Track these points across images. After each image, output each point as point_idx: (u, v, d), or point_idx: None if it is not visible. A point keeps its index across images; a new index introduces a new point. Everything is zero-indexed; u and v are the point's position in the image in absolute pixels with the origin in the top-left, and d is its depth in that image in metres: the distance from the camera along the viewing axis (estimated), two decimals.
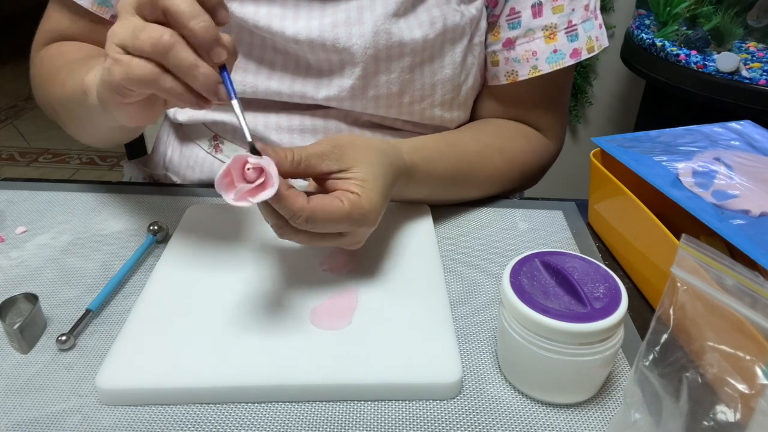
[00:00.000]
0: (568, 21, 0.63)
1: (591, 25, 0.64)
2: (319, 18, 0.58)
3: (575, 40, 0.64)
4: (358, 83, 0.60)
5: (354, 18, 0.57)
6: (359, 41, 0.58)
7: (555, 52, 0.64)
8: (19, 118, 2.84)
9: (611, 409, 0.42)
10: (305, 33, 0.57)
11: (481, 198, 0.65)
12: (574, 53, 0.64)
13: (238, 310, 0.47)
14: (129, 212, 0.62)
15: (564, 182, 1.86)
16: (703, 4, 1.30)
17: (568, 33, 0.63)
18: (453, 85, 0.64)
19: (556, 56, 0.64)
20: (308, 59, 0.60)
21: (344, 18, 0.57)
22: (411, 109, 0.63)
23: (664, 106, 1.49)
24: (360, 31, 0.57)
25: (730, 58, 1.19)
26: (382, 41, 0.58)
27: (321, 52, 0.58)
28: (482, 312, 0.50)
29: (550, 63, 0.64)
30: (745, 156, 0.54)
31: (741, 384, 0.32)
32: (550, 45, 0.63)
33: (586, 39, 0.64)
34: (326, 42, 0.57)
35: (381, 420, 0.40)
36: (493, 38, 0.66)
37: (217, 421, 0.40)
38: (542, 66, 0.64)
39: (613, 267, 0.57)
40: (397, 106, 0.62)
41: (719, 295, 0.34)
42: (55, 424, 0.39)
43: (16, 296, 0.48)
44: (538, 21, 0.63)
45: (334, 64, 0.60)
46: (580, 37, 0.64)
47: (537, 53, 0.64)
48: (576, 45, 0.64)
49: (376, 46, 0.58)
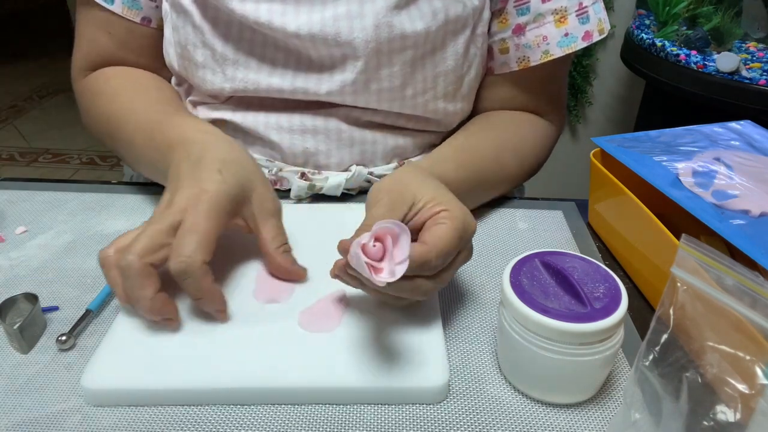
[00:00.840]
0: (578, 3, 0.63)
1: (599, 7, 0.64)
2: (320, 12, 0.58)
3: (587, 22, 0.63)
4: (360, 77, 0.60)
5: (355, 11, 0.57)
6: (361, 34, 0.57)
7: (566, 35, 0.63)
8: (19, 118, 2.84)
9: (611, 409, 0.42)
10: (306, 28, 0.57)
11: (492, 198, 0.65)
12: (586, 36, 0.63)
13: (227, 311, 0.47)
14: (129, 212, 0.62)
15: (564, 182, 1.86)
16: (703, 4, 1.30)
17: (579, 15, 0.63)
18: (455, 77, 0.64)
19: (567, 39, 0.63)
20: (310, 54, 0.60)
21: (345, 11, 0.57)
22: (414, 102, 0.63)
23: (664, 106, 1.49)
24: (361, 25, 0.57)
25: (730, 58, 1.19)
26: (384, 34, 0.58)
27: (322, 46, 0.58)
28: (482, 312, 0.50)
29: (561, 47, 0.63)
30: (745, 156, 0.54)
31: (741, 384, 0.32)
32: (561, 29, 0.63)
33: (597, 21, 0.64)
34: (328, 36, 0.57)
35: (380, 421, 0.40)
36: (501, 26, 0.65)
37: (217, 421, 0.40)
38: (554, 50, 0.64)
39: (613, 267, 0.57)
40: (400, 99, 0.62)
41: (719, 295, 0.34)
42: (55, 424, 0.39)
43: (16, 296, 0.48)
44: (548, 5, 0.62)
45: (336, 58, 0.60)
46: (591, 19, 0.63)
47: (548, 38, 0.63)
48: (588, 27, 0.63)
49: (377, 39, 0.58)
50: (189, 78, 0.64)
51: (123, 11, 0.63)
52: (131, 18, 0.64)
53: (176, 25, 0.62)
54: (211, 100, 0.66)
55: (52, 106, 2.96)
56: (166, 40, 0.64)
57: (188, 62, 0.62)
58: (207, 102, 0.66)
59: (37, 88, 3.15)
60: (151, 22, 0.65)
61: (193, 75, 0.63)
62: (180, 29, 0.61)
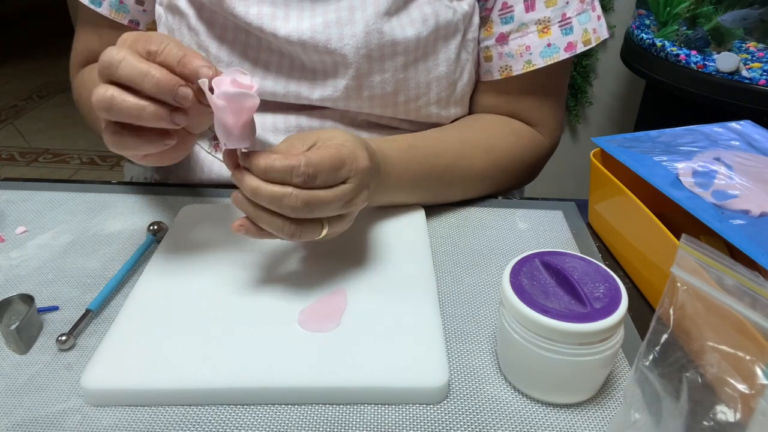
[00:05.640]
0: (562, 14, 0.63)
1: (587, 17, 0.64)
2: (310, 18, 0.58)
3: (570, 33, 0.63)
4: (352, 83, 0.60)
5: (345, 18, 0.57)
6: (351, 41, 0.57)
7: (549, 46, 0.63)
8: (19, 118, 2.84)
9: (611, 409, 0.42)
10: (297, 34, 0.57)
11: (467, 198, 0.65)
12: (568, 47, 0.63)
13: (227, 310, 0.47)
14: (129, 212, 0.62)
15: (564, 182, 1.86)
16: (703, 4, 1.30)
17: (562, 26, 0.63)
18: (448, 83, 0.64)
19: (550, 50, 0.63)
20: (302, 60, 0.60)
21: (335, 18, 0.57)
22: (407, 107, 0.63)
23: (664, 106, 1.49)
24: (351, 32, 0.57)
25: (730, 58, 1.19)
26: (375, 41, 0.58)
27: (313, 53, 0.58)
28: (482, 312, 0.50)
29: (544, 57, 0.63)
30: (745, 156, 0.54)
31: (741, 384, 0.32)
32: (543, 39, 0.63)
33: (582, 31, 0.63)
34: (318, 43, 0.57)
35: (380, 421, 0.40)
36: (485, 33, 0.65)
37: (217, 421, 0.40)
38: (536, 60, 0.64)
39: (613, 267, 0.57)
40: (393, 105, 0.62)
41: (719, 295, 0.34)
42: (55, 424, 0.39)
43: (12, 297, 0.48)
44: (531, 15, 0.62)
45: (328, 64, 0.60)
46: (575, 30, 0.63)
47: (531, 48, 0.63)
48: (570, 38, 0.63)
49: (368, 46, 0.58)
50: None
51: (110, 14, 0.64)
52: (118, 20, 0.65)
53: (171, 27, 0.62)
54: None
55: (52, 106, 2.96)
56: None
57: None
58: None
59: (37, 88, 3.15)
60: (139, 25, 0.66)
61: None
62: (175, 31, 0.61)
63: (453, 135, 0.63)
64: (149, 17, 0.66)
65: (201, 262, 0.52)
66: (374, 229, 0.57)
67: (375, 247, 0.55)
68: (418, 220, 0.59)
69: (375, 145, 0.53)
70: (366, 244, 0.55)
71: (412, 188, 0.59)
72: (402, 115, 0.64)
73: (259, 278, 0.51)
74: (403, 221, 0.59)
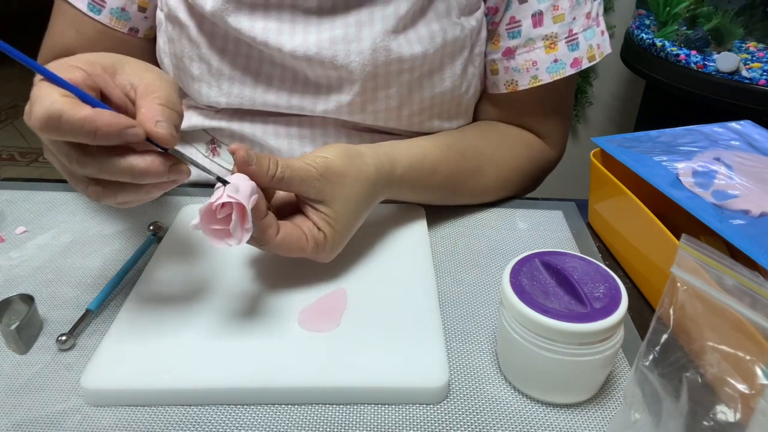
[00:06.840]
0: (569, 30, 0.62)
1: (592, 33, 0.64)
2: (317, 33, 0.57)
3: (576, 49, 0.63)
4: (356, 99, 0.59)
5: (352, 35, 0.57)
6: (358, 58, 0.57)
7: (555, 61, 0.63)
8: (19, 118, 2.84)
9: (611, 409, 0.42)
10: (302, 49, 0.57)
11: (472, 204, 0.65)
12: (574, 63, 0.63)
13: (227, 310, 0.47)
14: (129, 212, 0.62)
15: (564, 182, 1.86)
16: (703, 4, 1.30)
17: (568, 42, 0.63)
18: (453, 96, 0.63)
19: (556, 66, 0.63)
20: (306, 74, 0.59)
21: (342, 35, 0.57)
22: (410, 121, 0.63)
23: (664, 106, 1.49)
24: (358, 48, 0.57)
25: (730, 58, 1.19)
26: (381, 58, 0.57)
27: (319, 68, 0.58)
28: (482, 312, 0.50)
29: (550, 73, 0.63)
30: (745, 156, 0.54)
31: (741, 384, 0.32)
32: (550, 55, 0.63)
33: (587, 47, 0.64)
34: (324, 59, 0.57)
35: (380, 421, 0.40)
36: (492, 47, 0.65)
37: (217, 421, 0.40)
38: (542, 76, 0.64)
39: (613, 267, 0.57)
40: (396, 118, 0.62)
41: (719, 295, 0.34)
42: (55, 424, 0.39)
43: (12, 297, 0.48)
44: (539, 30, 0.62)
45: (333, 79, 0.59)
46: (581, 45, 0.63)
47: (537, 63, 0.63)
48: (577, 54, 0.63)
49: (374, 63, 0.57)
50: (184, 88, 0.64)
51: (110, 22, 0.62)
52: (118, 29, 0.63)
53: (172, 37, 0.61)
54: (207, 108, 0.65)
55: None
56: (161, 50, 0.64)
57: (183, 74, 0.62)
58: (202, 108, 0.66)
59: None
60: (138, 32, 0.64)
61: (189, 87, 0.62)
62: (176, 41, 0.61)
63: (471, 148, 0.63)
64: (149, 23, 0.65)
65: (201, 261, 0.52)
66: (374, 229, 0.57)
67: (375, 247, 0.55)
68: (418, 220, 0.59)
69: (388, 151, 0.55)
70: (366, 244, 0.55)
71: (426, 195, 0.60)
72: (405, 127, 0.64)
73: (260, 278, 0.51)
74: (403, 221, 0.59)
